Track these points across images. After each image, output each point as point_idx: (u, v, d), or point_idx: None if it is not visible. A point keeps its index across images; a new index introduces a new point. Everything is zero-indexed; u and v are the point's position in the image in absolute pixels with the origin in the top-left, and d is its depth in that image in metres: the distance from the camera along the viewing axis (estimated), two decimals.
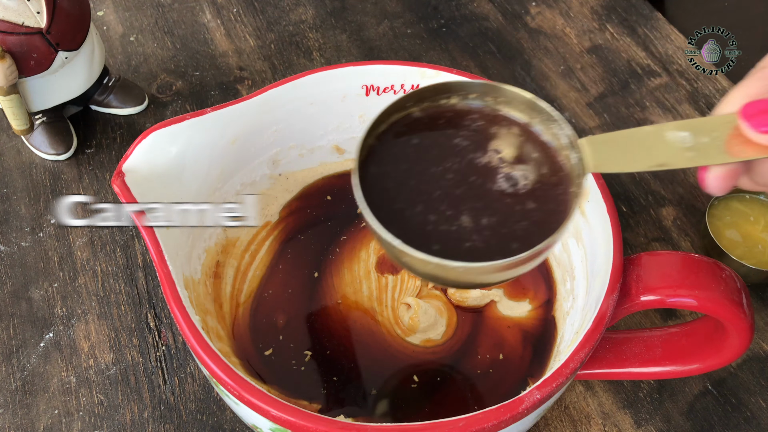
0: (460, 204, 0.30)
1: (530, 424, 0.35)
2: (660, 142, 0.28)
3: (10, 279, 0.48)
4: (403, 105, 0.31)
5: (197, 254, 0.41)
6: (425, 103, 0.32)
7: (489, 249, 0.29)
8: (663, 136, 0.29)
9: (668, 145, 0.28)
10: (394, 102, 0.31)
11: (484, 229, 0.29)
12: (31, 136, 0.53)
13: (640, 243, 0.51)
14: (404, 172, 0.30)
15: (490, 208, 0.30)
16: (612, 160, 0.29)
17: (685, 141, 0.28)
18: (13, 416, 0.42)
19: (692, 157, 0.28)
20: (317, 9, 0.65)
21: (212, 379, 0.33)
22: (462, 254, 0.28)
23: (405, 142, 0.31)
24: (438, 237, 0.29)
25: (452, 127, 0.32)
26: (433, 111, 0.32)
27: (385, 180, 0.30)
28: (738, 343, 0.34)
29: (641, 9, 0.66)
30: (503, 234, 0.29)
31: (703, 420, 0.43)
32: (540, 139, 0.32)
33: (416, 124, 0.32)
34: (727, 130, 0.28)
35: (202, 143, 0.40)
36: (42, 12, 0.47)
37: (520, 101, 0.32)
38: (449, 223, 0.29)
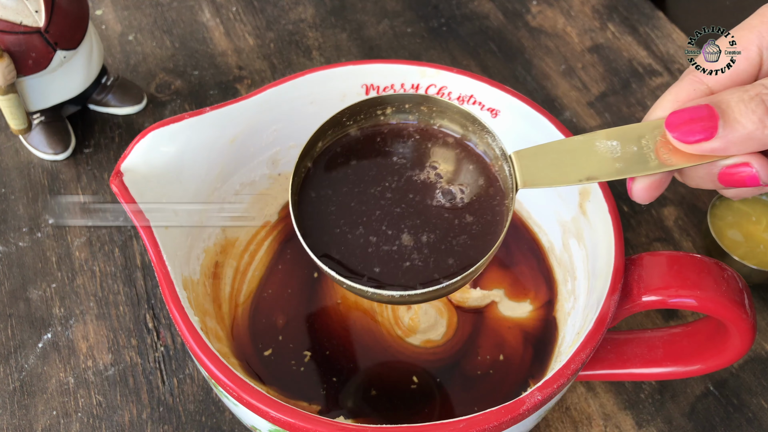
0: (400, 222, 0.30)
1: (531, 425, 0.35)
2: (590, 153, 0.28)
3: (8, 279, 0.48)
4: (339, 120, 0.32)
5: (196, 254, 0.41)
6: (361, 117, 0.32)
7: (428, 267, 0.29)
8: (593, 146, 0.28)
9: (598, 155, 0.28)
10: (329, 119, 0.31)
11: (423, 247, 0.30)
12: (29, 135, 0.53)
13: (641, 243, 0.50)
14: (343, 194, 0.31)
15: (429, 224, 0.30)
16: (541, 175, 0.28)
17: (615, 150, 0.28)
18: (11, 417, 0.42)
19: (620, 169, 0.27)
20: (317, 8, 0.65)
21: (211, 380, 0.33)
22: (402, 274, 0.29)
23: (342, 163, 0.32)
24: (379, 259, 0.29)
25: (389, 144, 0.32)
26: (369, 129, 0.32)
27: (324, 204, 0.30)
28: (740, 344, 0.34)
29: (643, 8, 0.66)
30: (442, 250, 0.29)
31: (705, 421, 0.43)
32: (475, 151, 0.32)
33: (353, 143, 0.32)
34: (656, 137, 0.28)
35: (201, 143, 0.39)
36: (40, 11, 0.47)
37: (454, 111, 0.32)
38: (390, 243, 0.30)
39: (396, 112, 0.33)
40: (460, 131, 0.32)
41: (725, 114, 0.25)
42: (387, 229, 0.30)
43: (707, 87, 0.28)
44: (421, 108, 0.32)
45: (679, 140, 0.26)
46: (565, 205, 0.42)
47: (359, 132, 0.32)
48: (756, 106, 0.25)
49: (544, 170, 0.29)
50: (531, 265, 0.44)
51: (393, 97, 0.32)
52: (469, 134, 0.32)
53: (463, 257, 0.29)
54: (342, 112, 0.32)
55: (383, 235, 0.30)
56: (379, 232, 0.30)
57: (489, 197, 0.30)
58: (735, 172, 0.26)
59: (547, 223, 0.45)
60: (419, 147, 0.32)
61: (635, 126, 0.28)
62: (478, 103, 0.42)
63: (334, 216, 0.30)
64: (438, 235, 0.30)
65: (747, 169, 0.26)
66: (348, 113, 0.32)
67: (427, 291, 0.28)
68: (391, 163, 0.32)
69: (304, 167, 0.31)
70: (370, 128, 0.33)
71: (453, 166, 0.31)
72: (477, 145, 0.32)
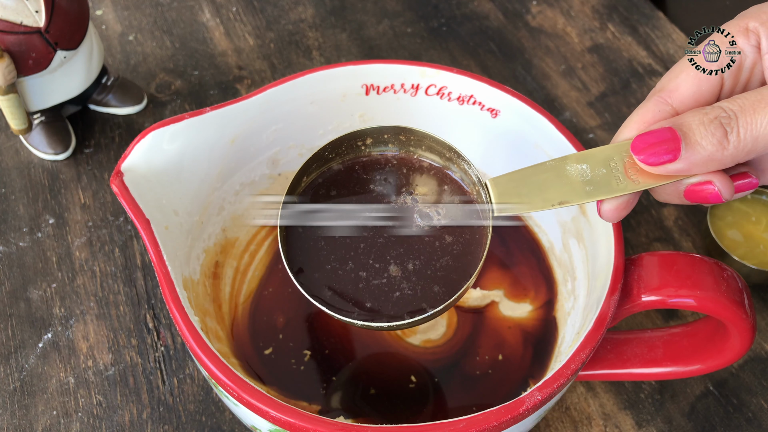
0: (386, 253, 0.32)
1: (531, 425, 0.35)
2: (561, 178, 0.29)
3: (9, 279, 0.48)
4: (322, 155, 0.33)
5: (196, 254, 0.41)
6: (343, 150, 0.34)
7: (416, 296, 0.31)
8: (564, 170, 0.29)
9: (569, 179, 0.29)
10: (312, 156, 0.32)
11: (411, 275, 0.31)
12: (29, 135, 0.53)
13: (641, 243, 0.50)
14: (329, 228, 0.32)
15: (413, 251, 0.31)
16: (515, 202, 0.30)
17: (585, 174, 0.29)
18: (11, 417, 0.42)
19: (590, 192, 0.29)
20: (317, 8, 0.65)
21: (211, 380, 0.33)
22: (392, 306, 0.30)
23: (326, 196, 0.33)
24: (370, 293, 0.31)
25: (369, 175, 0.34)
26: (349, 161, 0.34)
27: (312, 239, 0.32)
28: (739, 344, 0.34)
29: (642, 8, 0.66)
30: (428, 276, 0.31)
31: (705, 421, 0.43)
32: (453, 177, 0.34)
33: (335, 176, 0.34)
34: (624, 158, 0.29)
35: (201, 143, 0.39)
36: (40, 11, 0.47)
37: (431, 140, 0.33)
38: (379, 276, 0.31)
39: (375, 143, 0.34)
40: (438, 159, 0.34)
41: (687, 137, 0.26)
42: (374, 262, 0.31)
43: (672, 108, 0.29)
44: (400, 138, 0.34)
45: (645, 163, 0.27)
46: None
47: (340, 164, 0.34)
48: (715, 129, 0.26)
49: (518, 197, 0.30)
50: (531, 265, 0.45)
51: (372, 130, 0.33)
52: (447, 162, 0.34)
53: (447, 282, 0.31)
54: (324, 147, 0.33)
55: (372, 269, 0.31)
56: (367, 266, 0.31)
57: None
58: (699, 189, 0.28)
59: (547, 223, 0.45)
60: (399, 176, 0.34)
61: (604, 148, 0.29)
62: (478, 103, 0.42)
63: (324, 252, 0.32)
64: (422, 261, 0.31)
65: (709, 186, 0.28)
66: (330, 148, 0.33)
67: (413, 320, 0.30)
68: (372, 193, 0.33)
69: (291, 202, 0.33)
70: (350, 159, 0.34)
71: (432, 192, 0.33)
72: (454, 172, 0.33)
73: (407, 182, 0.33)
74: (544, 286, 0.44)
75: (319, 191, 0.33)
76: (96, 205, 0.51)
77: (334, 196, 0.33)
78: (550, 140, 0.41)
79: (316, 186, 0.33)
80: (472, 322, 0.43)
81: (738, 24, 0.29)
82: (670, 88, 0.30)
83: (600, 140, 0.56)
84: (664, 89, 0.30)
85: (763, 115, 0.26)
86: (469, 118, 0.43)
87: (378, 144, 0.34)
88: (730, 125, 0.26)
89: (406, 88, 0.43)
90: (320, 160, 0.34)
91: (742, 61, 0.29)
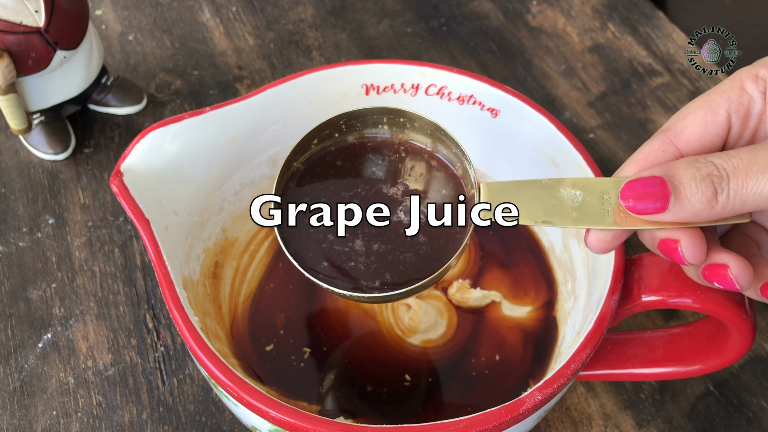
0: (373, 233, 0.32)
1: (531, 426, 0.35)
2: (552, 198, 0.29)
3: (8, 279, 0.48)
4: (321, 131, 0.33)
5: (196, 254, 0.41)
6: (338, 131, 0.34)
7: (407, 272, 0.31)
8: (557, 191, 0.30)
9: (559, 201, 0.29)
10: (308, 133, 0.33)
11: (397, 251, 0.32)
12: (29, 135, 0.53)
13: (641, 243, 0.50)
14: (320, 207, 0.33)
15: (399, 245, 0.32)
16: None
17: (576, 200, 0.29)
18: (11, 417, 0.42)
19: (576, 218, 0.29)
20: (317, 8, 0.65)
21: (211, 380, 0.33)
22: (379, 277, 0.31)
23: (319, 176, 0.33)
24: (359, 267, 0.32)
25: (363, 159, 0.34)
26: (343, 143, 0.34)
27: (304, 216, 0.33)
28: (740, 344, 0.34)
29: (643, 8, 0.66)
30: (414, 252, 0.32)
31: (705, 421, 0.43)
32: (446, 164, 0.33)
33: (329, 158, 0.34)
34: (617, 195, 0.29)
35: (201, 143, 0.39)
36: (40, 11, 0.47)
37: (425, 123, 0.33)
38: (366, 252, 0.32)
39: (368, 125, 0.34)
40: (430, 143, 0.34)
41: (677, 190, 0.27)
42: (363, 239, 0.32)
43: (676, 150, 0.29)
44: (395, 120, 0.34)
45: (632, 210, 0.28)
46: None
47: (334, 146, 0.34)
48: (706, 188, 0.26)
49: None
50: (531, 265, 0.44)
51: (366, 111, 0.33)
52: (438, 146, 0.34)
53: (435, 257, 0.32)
54: (318, 127, 0.33)
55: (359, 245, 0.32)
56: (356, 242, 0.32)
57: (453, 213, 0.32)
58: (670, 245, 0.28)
59: None
60: (391, 159, 0.34)
61: (601, 180, 0.29)
62: (478, 103, 0.42)
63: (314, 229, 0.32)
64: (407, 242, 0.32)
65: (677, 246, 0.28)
66: (324, 127, 0.33)
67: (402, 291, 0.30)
68: (366, 176, 0.34)
69: (284, 181, 0.33)
70: (345, 141, 0.34)
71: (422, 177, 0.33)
72: (445, 157, 0.33)
73: (399, 166, 0.33)
74: (545, 286, 0.44)
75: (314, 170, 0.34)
76: (96, 205, 0.51)
77: (326, 176, 0.33)
78: (550, 140, 0.41)
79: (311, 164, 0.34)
80: (472, 322, 0.43)
81: (750, 70, 0.29)
82: (677, 129, 0.29)
83: (600, 140, 0.56)
84: (671, 129, 0.30)
85: (755, 180, 0.26)
86: (469, 118, 0.43)
87: (371, 126, 0.34)
88: (721, 185, 0.26)
89: (406, 88, 0.43)
90: (316, 137, 0.34)
91: (750, 106, 0.29)
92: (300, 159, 0.33)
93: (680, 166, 0.27)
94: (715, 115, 0.29)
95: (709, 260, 0.28)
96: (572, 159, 0.40)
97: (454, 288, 0.43)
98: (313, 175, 0.33)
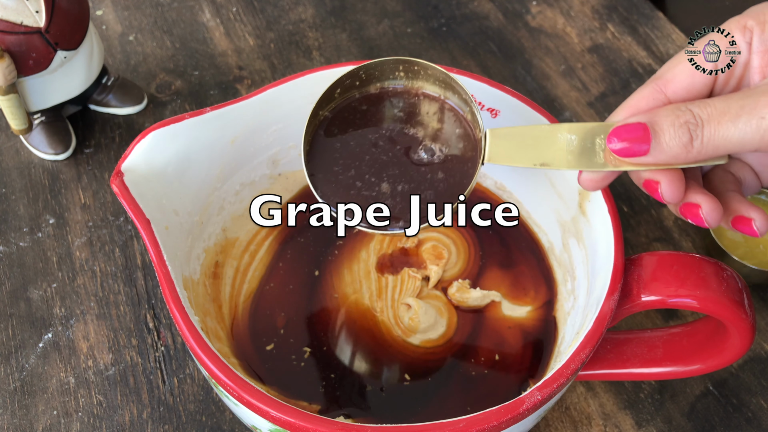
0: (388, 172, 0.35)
1: (531, 425, 0.35)
2: (551, 142, 0.32)
3: (9, 279, 0.48)
4: (343, 82, 0.35)
5: (196, 254, 0.41)
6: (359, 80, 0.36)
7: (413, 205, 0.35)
8: (555, 136, 0.32)
9: (557, 145, 0.32)
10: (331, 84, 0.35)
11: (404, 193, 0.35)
12: (29, 135, 0.53)
13: (641, 243, 0.50)
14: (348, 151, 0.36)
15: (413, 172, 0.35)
16: (505, 154, 0.33)
17: (571, 144, 0.32)
18: (11, 417, 0.42)
19: (571, 161, 0.31)
20: (317, 8, 0.65)
21: (211, 379, 0.33)
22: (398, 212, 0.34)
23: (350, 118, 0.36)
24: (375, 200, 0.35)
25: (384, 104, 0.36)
26: (366, 92, 0.36)
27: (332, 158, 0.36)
28: (739, 344, 0.34)
29: (642, 8, 0.66)
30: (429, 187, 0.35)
31: (705, 421, 0.43)
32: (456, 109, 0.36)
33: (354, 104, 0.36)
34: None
35: (202, 143, 0.39)
36: (41, 11, 0.47)
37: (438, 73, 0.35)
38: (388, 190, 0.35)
39: (386, 75, 0.36)
40: (442, 92, 0.36)
41: (657, 136, 0.29)
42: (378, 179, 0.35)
43: (665, 97, 0.31)
44: (410, 69, 0.36)
45: (617, 154, 0.30)
46: (564, 206, 0.42)
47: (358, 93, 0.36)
48: (683, 134, 0.29)
49: (508, 150, 0.33)
50: (531, 265, 0.45)
51: (383, 61, 0.35)
52: (447, 93, 0.36)
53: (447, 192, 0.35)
54: (340, 78, 0.35)
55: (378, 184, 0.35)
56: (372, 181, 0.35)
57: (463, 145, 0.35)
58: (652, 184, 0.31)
59: (546, 223, 0.45)
60: (410, 102, 0.36)
61: (594, 125, 0.32)
62: (478, 103, 0.43)
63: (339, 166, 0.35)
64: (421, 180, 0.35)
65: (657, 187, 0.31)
66: (345, 78, 0.35)
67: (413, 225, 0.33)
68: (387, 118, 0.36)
69: (312, 129, 0.35)
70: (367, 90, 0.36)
71: (436, 117, 0.36)
72: (455, 103, 0.36)
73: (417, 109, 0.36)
74: (544, 286, 0.44)
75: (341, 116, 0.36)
76: (96, 205, 0.51)
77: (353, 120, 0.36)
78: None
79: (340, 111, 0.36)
80: (472, 322, 0.43)
81: (739, 20, 0.31)
82: (667, 78, 0.31)
83: None
84: (661, 78, 0.32)
85: (726, 128, 0.28)
86: None
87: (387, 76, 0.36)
88: (696, 132, 0.28)
89: None
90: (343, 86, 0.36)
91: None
92: (326, 108, 0.36)
93: (662, 113, 0.29)
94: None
95: (685, 199, 0.31)
96: None
97: (454, 288, 0.43)
98: (341, 120, 0.36)
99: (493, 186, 0.47)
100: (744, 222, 0.31)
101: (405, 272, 0.44)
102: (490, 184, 0.47)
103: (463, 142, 0.35)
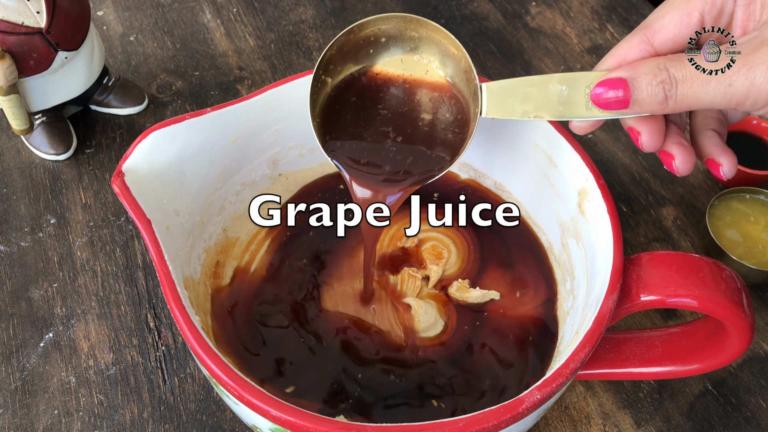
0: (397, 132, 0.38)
1: (530, 425, 0.35)
2: (542, 94, 0.34)
3: (10, 279, 0.48)
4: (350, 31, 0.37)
5: (197, 254, 0.41)
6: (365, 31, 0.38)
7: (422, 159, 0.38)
8: (547, 87, 0.34)
9: (548, 97, 0.34)
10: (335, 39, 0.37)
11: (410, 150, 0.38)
12: (30, 136, 0.53)
13: (640, 243, 0.51)
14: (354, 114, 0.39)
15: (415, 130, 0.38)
16: (500, 107, 0.35)
17: (562, 94, 0.34)
18: (12, 416, 0.42)
19: (561, 112, 0.34)
20: (317, 9, 0.65)
21: (212, 379, 0.33)
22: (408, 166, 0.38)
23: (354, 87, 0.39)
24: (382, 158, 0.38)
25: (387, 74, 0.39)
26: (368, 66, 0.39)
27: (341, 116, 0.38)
28: (738, 344, 0.34)
29: (641, 9, 0.66)
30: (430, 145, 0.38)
31: (704, 420, 0.43)
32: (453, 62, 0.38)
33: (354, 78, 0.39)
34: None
35: (202, 143, 0.40)
36: (42, 12, 0.47)
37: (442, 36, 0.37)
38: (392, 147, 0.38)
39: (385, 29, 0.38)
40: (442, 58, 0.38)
41: (636, 91, 0.31)
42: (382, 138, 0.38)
43: (652, 48, 0.33)
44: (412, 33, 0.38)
45: (600, 107, 0.33)
46: (564, 206, 0.42)
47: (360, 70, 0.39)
48: (658, 92, 0.31)
49: (503, 104, 0.35)
50: (530, 264, 0.45)
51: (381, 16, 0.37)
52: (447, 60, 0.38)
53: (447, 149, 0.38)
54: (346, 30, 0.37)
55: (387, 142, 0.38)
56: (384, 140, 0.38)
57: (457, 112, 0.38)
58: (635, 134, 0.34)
59: (546, 223, 0.45)
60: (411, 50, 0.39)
61: (583, 74, 0.34)
62: None
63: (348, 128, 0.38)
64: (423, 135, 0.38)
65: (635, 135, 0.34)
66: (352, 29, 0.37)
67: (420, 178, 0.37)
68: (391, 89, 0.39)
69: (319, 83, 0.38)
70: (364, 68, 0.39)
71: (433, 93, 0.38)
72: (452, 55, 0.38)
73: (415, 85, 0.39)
74: (544, 285, 0.44)
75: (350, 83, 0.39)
76: (97, 205, 0.51)
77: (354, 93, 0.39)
78: (549, 140, 0.41)
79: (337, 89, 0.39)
80: (471, 321, 0.43)
81: None
82: (655, 29, 0.33)
83: (600, 140, 0.57)
84: (649, 27, 0.33)
85: (697, 90, 0.30)
86: None
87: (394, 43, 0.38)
88: (671, 93, 0.31)
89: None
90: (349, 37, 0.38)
91: (723, 7, 0.32)
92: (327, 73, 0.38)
93: (642, 70, 0.31)
94: (690, 17, 0.32)
95: (663, 147, 0.34)
96: (571, 159, 0.40)
97: (454, 287, 0.44)
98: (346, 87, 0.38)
99: (493, 186, 0.47)
100: (714, 165, 0.34)
101: (405, 272, 0.44)
102: (490, 184, 0.47)
103: (461, 101, 0.37)
